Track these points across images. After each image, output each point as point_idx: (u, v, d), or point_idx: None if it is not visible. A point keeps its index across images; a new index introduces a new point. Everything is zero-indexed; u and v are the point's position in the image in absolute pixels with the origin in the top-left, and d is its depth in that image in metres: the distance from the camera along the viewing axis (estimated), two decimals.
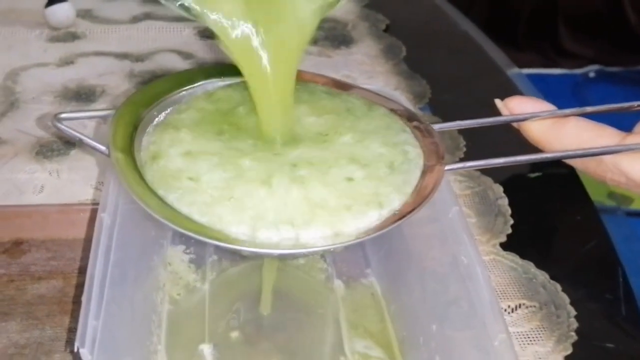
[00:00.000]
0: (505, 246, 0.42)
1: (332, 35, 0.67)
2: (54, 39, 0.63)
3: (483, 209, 0.45)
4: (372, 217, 0.23)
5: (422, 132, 0.27)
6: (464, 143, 0.51)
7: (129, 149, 0.26)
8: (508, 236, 0.42)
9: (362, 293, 0.38)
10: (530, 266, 0.40)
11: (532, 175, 0.48)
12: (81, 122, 0.52)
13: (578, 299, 0.38)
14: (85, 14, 0.66)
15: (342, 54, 0.64)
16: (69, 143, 0.49)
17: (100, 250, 0.27)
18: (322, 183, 0.24)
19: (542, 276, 0.40)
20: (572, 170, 0.47)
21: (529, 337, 0.36)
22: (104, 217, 0.28)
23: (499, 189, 0.46)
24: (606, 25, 0.77)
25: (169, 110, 0.29)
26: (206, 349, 0.34)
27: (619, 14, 0.77)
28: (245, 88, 0.27)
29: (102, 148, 0.26)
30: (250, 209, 0.23)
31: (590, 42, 0.74)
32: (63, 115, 0.27)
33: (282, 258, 0.25)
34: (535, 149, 0.26)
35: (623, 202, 0.55)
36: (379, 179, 0.24)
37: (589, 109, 0.25)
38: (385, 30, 0.68)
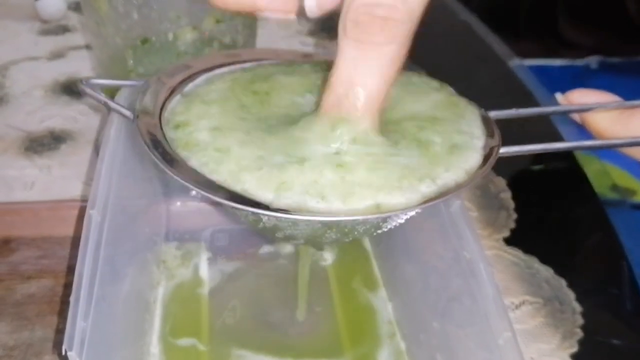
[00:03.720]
0: (508, 241, 0.41)
1: (328, 26, 0.66)
2: (45, 32, 0.62)
3: (485, 202, 0.44)
4: (414, 196, 0.22)
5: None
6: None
7: (156, 116, 0.25)
8: (511, 230, 0.42)
9: (362, 288, 0.37)
10: (534, 261, 0.39)
11: (536, 168, 0.47)
12: (73, 117, 0.51)
13: (583, 295, 0.37)
14: (76, 7, 0.65)
15: None
16: (59, 138, 0.48)
17: (89, 248, 0.26)
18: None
19: (546, 271, 0.39)
20: (575, 163, 0.46)
21: (533, 334, 0.35)
22: (93, 214, 0.27)
23: (501, 182, 0.45)
24: (607, 15, 0.76)
25: (199, 82, 0.28)
26: (201, 348, 0.33)
27: (619, 3, 0.76)
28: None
29: (127, 113, 0.26)
30: (279, 178, 0.22)
31: (591, 32, 0.73)
32: (93, 82, 0.27)
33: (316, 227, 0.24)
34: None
35: (627, 195, 0.54)
36: (434, 160, 0.23)
37: None
38: None
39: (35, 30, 0.63)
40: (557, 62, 0.73)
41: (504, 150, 0.24)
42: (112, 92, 0.33)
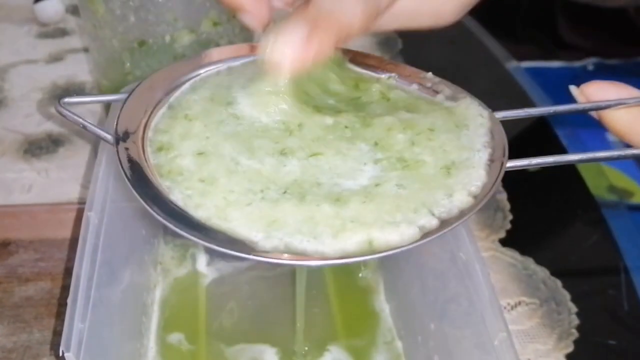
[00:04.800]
0: (504, 242, 0.41)
1: None
2: (43, 35, 0.62)
3: None
4: (411, 230, 0.20)
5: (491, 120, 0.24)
6: None
7: (137, 137, 0.23)
8: (507, 232, 0.42)
9: (358, 289, 0.37)
10: (530, 262, 0.40)
11: (532, 169, 0.48)
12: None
13: (579, 295, 0.37)
14: (74, 10, 0.65)
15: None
16: (57, 141, 0.48)
17: (86, 250, 0.26)
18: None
19: (542, 272, 0.39)
20: (572, 164, 0.46)
21: (529, 335, 0.35)
22: (91, 216, 0.27)
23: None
24: (605, 16, 0.76)
25: (181, 92, 0.25)
26: (198, 350, 0.33)
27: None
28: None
29: (108, 137, 0.23)
30: (269, 215, 0.20)
31: (589, 34, 0.74)
32: (67, 100, 0.24)
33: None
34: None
35: (624, 196, 0.54)
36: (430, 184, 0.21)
37: None
38: None
39: (33, 33, 0.63)
40: (555, 64, 0.73)
41: (510, 165, 0.22)
42: (113, 92, 0.32)
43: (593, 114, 0.23)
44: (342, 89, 0.24)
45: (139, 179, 0.21)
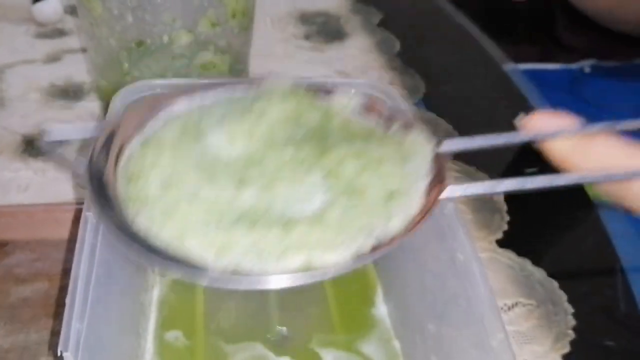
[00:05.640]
0: (501, 243, 0.41)
1: (324, 29, 0.66)
2: (41, 36, 0.62)
3: (479, 205, 0.44)
4: (348, 252, 0.21)
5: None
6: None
7: (109, 168, 0.24)
8: (504, 233, 0.42)
9: (356, 289, 0.37)
10: (527, 263, 0.40)
11: (529, 170, 0.48)
12: (69, 120, 0.51)
13: (576, 297, 0.38)
14: (72, 10, 0.65)
15: (335, 48, 0.63)
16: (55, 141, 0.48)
17: (85, 250, 0.26)
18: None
19: (539, 273, 0.39)
20: None
21: (526, 336, 0.35)
22: (89, 216, 0.27)
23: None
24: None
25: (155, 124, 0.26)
26: (196, 350, 0.33)
27: None
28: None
29: (82, 173, 0.24)
30: (222, 241, 0.22)
31: (589, 36, 0.74)
32: (53, 132, 0.26)
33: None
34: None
35: None
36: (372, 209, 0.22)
37: (620, 125, 0.22)
38: (379, 25, 0.68)
39: (31, 33, 0.63)
40: (552, 66, 0.73)
41: (445, 195, 0.23)
42: (110, 93, 0.32)
43: (538, 144, 0.23)
44: (311, 118, 0.26)
45: (106, 206, 0.23)
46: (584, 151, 0.22)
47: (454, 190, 0.23)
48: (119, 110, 0.29)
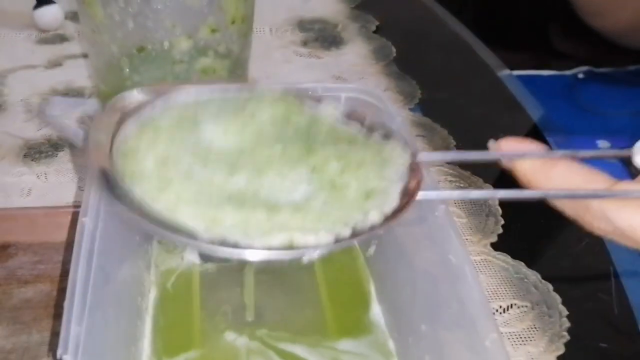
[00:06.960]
0: (496, 246, 0.42)
1: (322, 36, 0.67)
2: (42, 41, 0.63)
3: (474, 209, 0.44)
4: (328, 237, 0.23)
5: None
6: (454, 143, 0.51)
7: (106, 144, 0.25)
8: (499, 236, 0.42)
9: (350, 290, 0.37)
10: (521, 266, 0.40)
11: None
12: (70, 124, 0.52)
13: (570, 299, 0.38)
14: (73, 16, 0.65)
15: (332, 55, 0.64)
16: (57, 145, 0.49)
17: (82, 255, 0.26)
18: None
19: (534, 276, 0.40)
20: None
21: (521, 338, 0.36)
22: (86, 222, 0.28)
23: (489, 188, 0.46)
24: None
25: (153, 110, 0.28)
26: (193, 353, 0.33)
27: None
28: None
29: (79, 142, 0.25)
30: (212, 215, 0.23)
31: (581, 43, 0.75)
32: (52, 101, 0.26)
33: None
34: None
35: None
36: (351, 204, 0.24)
37: (581, 153, 0.25)
38: (376, 32, 0.68)
39: (32, 39, 0.63)
40: (546, 72, 0.74)
41: (421, 196, 0.25)
42: (111, 98, 0.33)
43: (508, 163, 0.26)
44: (299, 121, 0.28)
45: (106, 179, 0.24)
46: (547, 173, 0.24)
47: (428, 195, 0.25)
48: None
